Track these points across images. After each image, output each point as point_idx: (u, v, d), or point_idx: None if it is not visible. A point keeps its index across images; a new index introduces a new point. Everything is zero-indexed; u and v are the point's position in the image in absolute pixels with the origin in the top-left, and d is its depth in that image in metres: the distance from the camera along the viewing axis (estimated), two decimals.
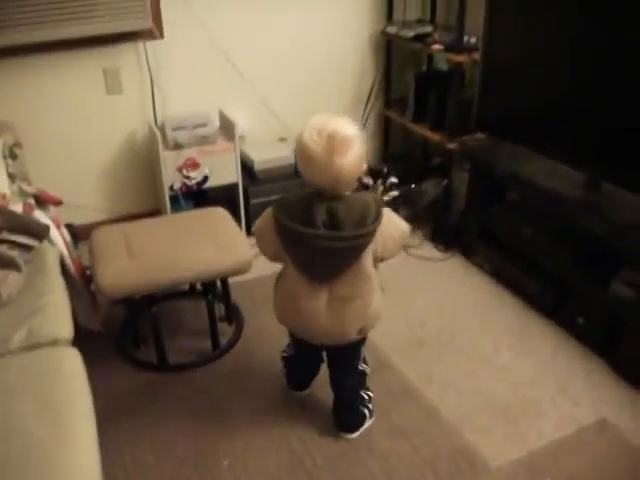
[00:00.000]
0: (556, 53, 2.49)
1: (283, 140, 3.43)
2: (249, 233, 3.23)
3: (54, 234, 2.30)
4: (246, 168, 3.24)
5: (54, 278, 2.06)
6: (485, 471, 1.95)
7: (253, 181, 3.24)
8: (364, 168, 1.79)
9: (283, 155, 3.27)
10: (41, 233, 2.20)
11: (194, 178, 3.05)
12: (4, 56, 2.75)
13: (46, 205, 2.48)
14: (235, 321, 2.61)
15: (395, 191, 3.37)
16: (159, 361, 2.37)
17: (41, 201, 2.45)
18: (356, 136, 1.71)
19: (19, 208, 2.27)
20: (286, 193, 1.84)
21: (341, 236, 1.72)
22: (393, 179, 3.52)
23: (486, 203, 2.93)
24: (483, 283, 2.92)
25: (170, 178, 3.02)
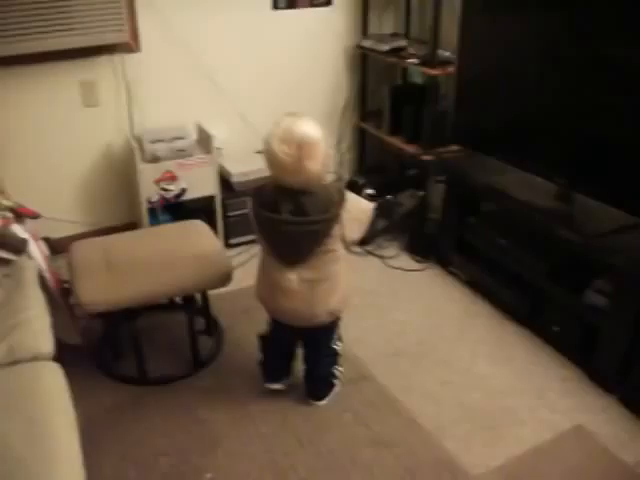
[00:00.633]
0: (528, 67, 2.55)
1: (260, 153, 3.42)
2: (227, 245, 3.24)
3: (32, 248, 2.28)
4: (224, 180, 3.25)
5: (33, 293, 2.03)
6: None
7: (231, 193, 3.25)
8: (329, 162, 1.89)
9: (260, 167, 3.25)
10: (19, 247, 2.19)
11: (172, 191, 3.05)
12: None
13: (24, 219, 2.45)
14: (215, 333, 2.61)
15: (372, 203, 3.39)
16: (139, 375, 2.36)
17: (19, 215, 2.43)
18: (320, 137, 1.87)
19: None
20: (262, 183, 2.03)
21: (306, 221, 1.88)
22: (369, 191, 3.55)
23: (462, 214, 2.97)
24: (460, 293, 2.96)
25: (148, 191, 3.01)
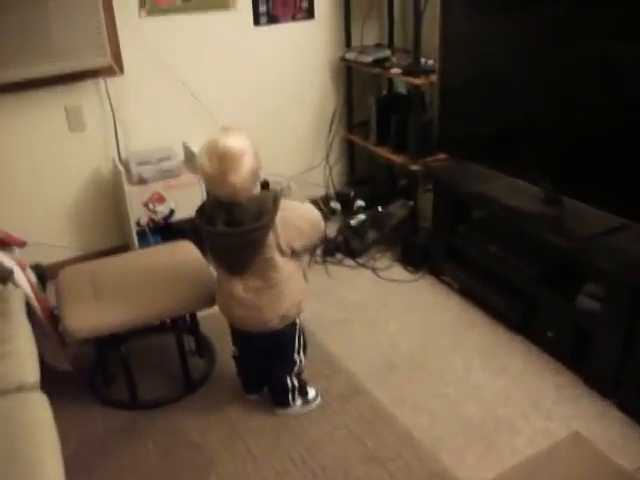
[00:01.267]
0: (510, 73, 2.54)
1: None
2: None
3: (19, 276, 2.27)
4: None
5: (19, 322, 2.03)
6: None
7: None
8: (260, 174, 1.96)
9: None
10: (4, 276, 2.18)
11: (160, 212, 3.05)
12: None
13: (10, 247, 2.45)
14: (206, 354, 2.60)
15: (362, 214, 3.39)
16: (131, 399, 2.34)
17: (5, 243, 2.43)
18: (245, 150, 1.89)
19: None
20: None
21: (238, 231, 1.91)
22: (360, 202, 3.55)
23: (451, 222, 2.95)
24: (453, 302, 2.94)
25: (136, 213, 3.01)
